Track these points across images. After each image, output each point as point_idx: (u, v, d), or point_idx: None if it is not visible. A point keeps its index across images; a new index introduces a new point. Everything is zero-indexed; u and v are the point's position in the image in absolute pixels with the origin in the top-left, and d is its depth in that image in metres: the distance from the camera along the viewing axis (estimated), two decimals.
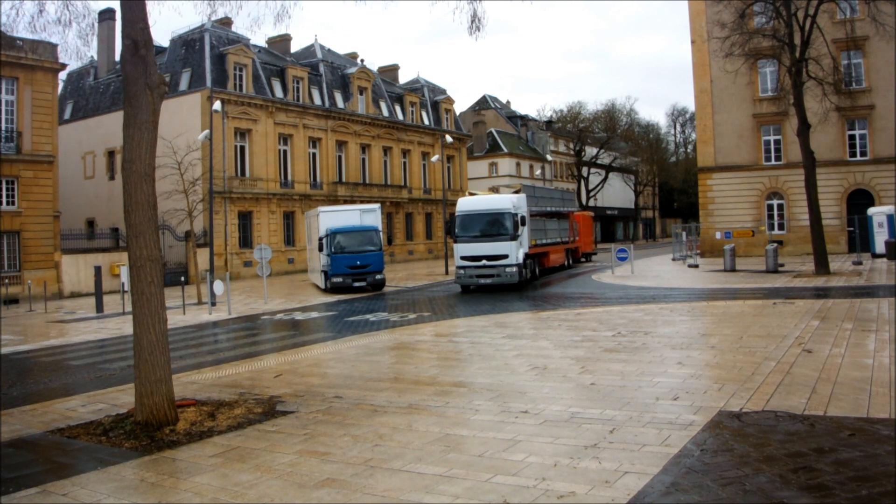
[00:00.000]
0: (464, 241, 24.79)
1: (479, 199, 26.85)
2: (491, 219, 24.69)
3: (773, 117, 36.27)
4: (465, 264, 24.75)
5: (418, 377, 10.51)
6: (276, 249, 41.49)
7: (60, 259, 32.66)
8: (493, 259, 24.29)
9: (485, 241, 24.43)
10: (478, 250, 24.43)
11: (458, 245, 25.00)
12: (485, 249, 24.35)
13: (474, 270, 24.51)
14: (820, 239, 24.90)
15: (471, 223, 24.87)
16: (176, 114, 36.39)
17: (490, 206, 25.20)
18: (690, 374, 9.64)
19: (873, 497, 5.14)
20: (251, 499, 5.80)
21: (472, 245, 24.60)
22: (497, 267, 24.18)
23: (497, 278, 24.24)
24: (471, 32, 12.18)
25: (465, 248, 24.79)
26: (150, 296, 8.31)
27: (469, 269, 24.63)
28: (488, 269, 24.30)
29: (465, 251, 24.80)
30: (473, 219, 24.90)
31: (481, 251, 24.39)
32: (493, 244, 24.31)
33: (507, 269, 24.06)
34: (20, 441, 8.02)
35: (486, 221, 24.70)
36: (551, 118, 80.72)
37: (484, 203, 25.82)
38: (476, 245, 24.50)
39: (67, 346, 17.02)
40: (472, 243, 24.62)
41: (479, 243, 24.48)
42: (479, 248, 24.43)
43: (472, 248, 24.57)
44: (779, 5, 25.36)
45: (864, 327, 12.86)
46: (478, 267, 24.43)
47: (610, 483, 5.65)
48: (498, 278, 24.23)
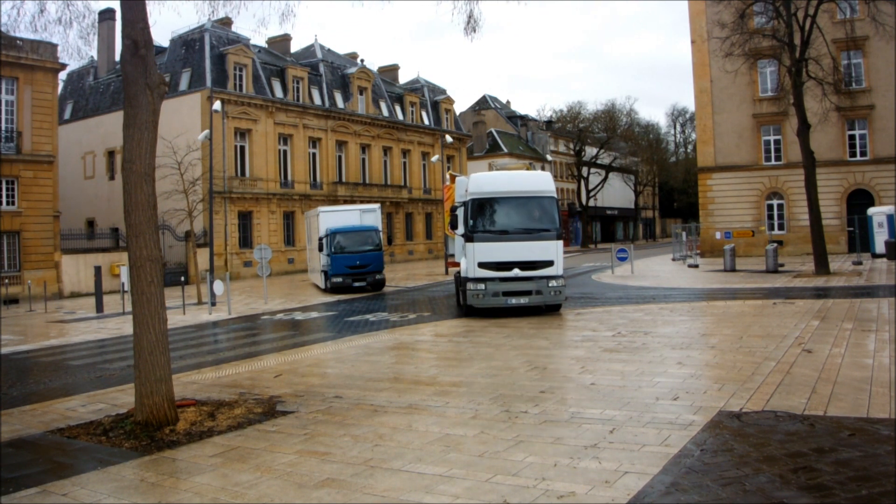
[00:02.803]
0: (483, 240, 16.56)
1: (505, 175, 18.32)
2: (526, 205, 16.97)
3: (773, 117, 36.27)
4: (485, 275, 16.51)
5: (418, 377, 10.52)
6: (276, 249, 41.49)
7: (60, 259, 32.66)
8: (529, 267, 16.48)
9: (517, 240, 16.56)
10: (506, 254, 16.47)
11: (474, 246, 16.61)
12: (517, 253, 16.47)
13: (500, 285, 16.48)
14: (820, 239, 24.92)
15: (494, 212, 16.91)
16: (176, 114, 36.40)
17: (525, 187, 17.21)
18: (690, 374, 9.65)
19: (873, 497, 5.14)
20: (251, 499, 5.80)
21: (496, 246, 16.52)
22: (536, 280, 16.49)
23: (536, 296, 16.53)
24: (466, 33, 12.27)
25: (485, 251, 16.52)
26: (150, 296, 8.32)
27: (492, 284, 16.48)
28: (523, 284, 16.47)
29: (485, 255, 16.52)
30: (499, 205, 16.94)
31: (512, 255, 16.45)
32: (530, 245, 16.52)
33: (552, 282, 16.51)
34: (20, 441, 8.02)
35: (518, 209, 16.94)
36: (551, 118, 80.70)
37: (515, 181, 17.60)
38: (503, 246, 16.52)
39: (67, 346, 17.03)
40: (496, 243, 16.56)
41: (507, 243, 16.56)
42: (507, 251, 16.49)
43: (498, 251, 16.51)
44: (779, 5, 25.37)
45: (864, 327, 12.86)
46: (506, 280, 16.49)
47: (610, 483, 5.65)
48: (538, 296, 16.52)
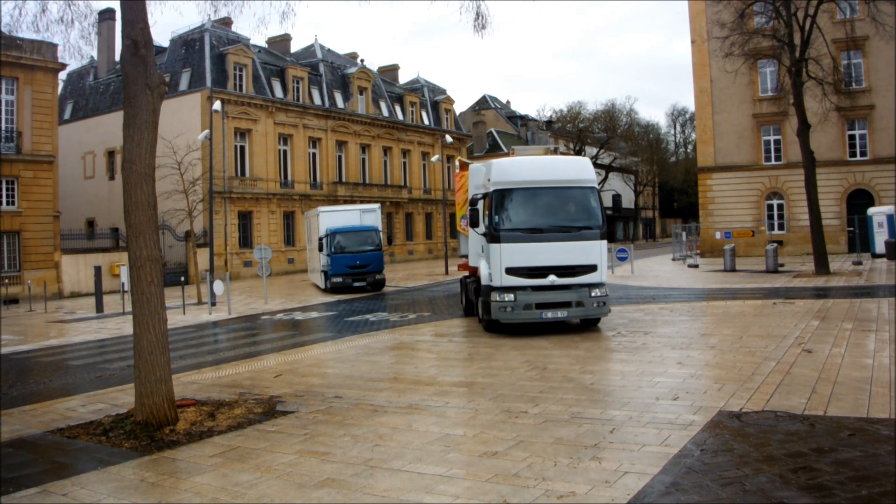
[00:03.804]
0: (512, 240, 13.55)
1: (536, 162, 14.85)
2: (563, 198, 14.18)
3: (773, 117, 36.27)
4: (514, 283, 13.49)
5: (418, 377, 10.52)
6: (276, 249, 41.49)
7: (60, 259, 32.66)
8: (568, 273, 13.63)
9: (553, 241, 13.64)
10: (540, 257, 13.58)
11: (500, 248, 13.57)
12: (554, 255, 13.59)
13: (533, 295, 13.48)
14: (820, 239, 24.92)
15: (524, 205, 13.92)
16: (176, 114, 36.38)
17: (560, 175, 14.24)
18: (690, 374, 9.65)
19: (873, 497, 5.14)
20: (251, 499, 5.80)
21: (527, 248, 13.58)
22: (576, 289, 13.60)
23: (577, 309, 13.63)
24: (476, 30, 12.25)
25: (514, 254, 13.54)
26: (150, 296, 8.32)
27: (523, 295, 13.45)
28: (561, 293, 13.57)
29: (515, 258, 13.53)
30: (529, 197, 13.94)
31: (547, 258, 13.58)
32: (568, 246, 13.64)
33: (595, 290, 13.66)
34: (20, 441, 8.02)
35: (553, 203, 14.08)
36: (551, 118, 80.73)
37: (548, 168, 14.47)
38: (536, 248, 13.60)
39: (67, 346, 17.03)
40: (527, 244, 13.58)
41: (541, 244, 13.62)
42: (542, 254, 13.60)
43: (530, 254, 13.57)
44: (779, 5, 25.37)
45: (864, 327, 12.86)
46: (540, 289, 13.54)
47: (610, 483, 5.65)
48: (578, 309, 13.64)
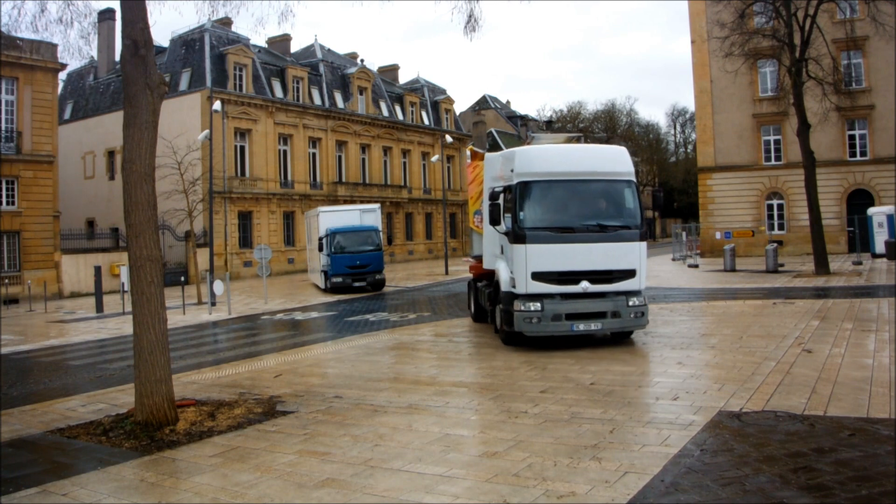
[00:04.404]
0: (540, 241, 11.76)
1: (567, 151, 13.26)
2: (597, 192, 12.39)
3: (773, 117, 36.26)
4: (542, 290, 11.75)
5: (418, 377, 10.52)
6: (276, 249, 41.46)
7: (60, 259, 32.65)
8: (604, 279, 11.90)
9: (587, 241, 11.89)
10: (572, 260, 11.79)
11: (525, 249, 11.77)
12: (587, 259, 11.83)
13: (563, 305, 11.77)
14: (820, 239, 24.91)
15: (553, 201, 12.20)
16: (176, 114, 36.37)
17: (595, 167, 12.37)
18: (690, 374, 9.65)
19: (873, 497, 5.14)
20: (251, 499, 5.80)
21: (557, 250, 11.80)
22: (612, 297, 11.89)
23: (613, 320, 11.91)
24: (466, 32, 12.13)
25: (542, 256, 11.78)
26: (150, 296, 8.32)
27: (552, 303, 11.73)
28: (595, 302, 11.86)
29: (542, 261, 11.78)
30: (559, 191, 12.21)
31: (580, 262, 11.79)
32: (604, 248, 11.92)
33: (633, 299, 11.95)
34: (20, 441, 8.03)
35: (586, 198, 12.35)
36: (551, 118, 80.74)
37: (581, 158, 12.68)
38: (568, 250, 11.83)
39: (67, 346, 17.03)
40: (558, 245, 11.80)
41: (573, 245, 11.85)
42: (574, 257, 11.81)
43: (560, 257, 11.80)
44: (779, 5, 25.36)
45: (864, 327, 12.86)
46: (571, 297, 11.81)
47: (610, 483, 5.65)
48: (614, 320, 11.92)
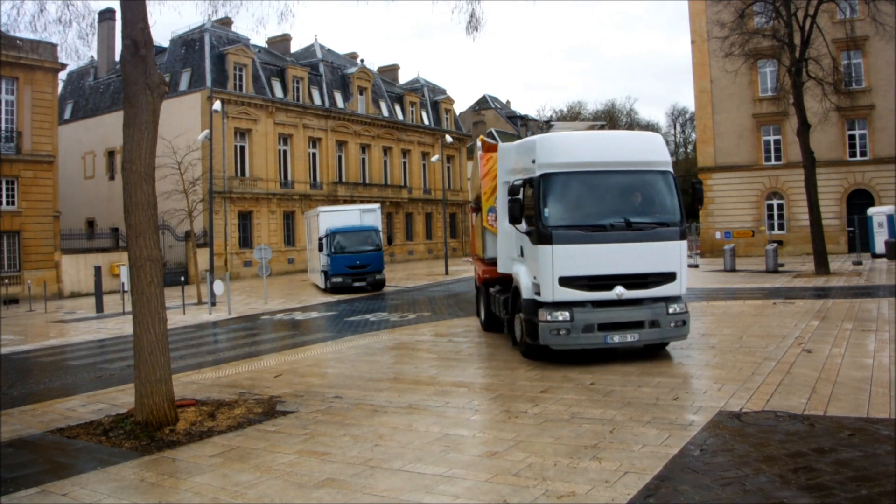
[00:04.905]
0: (568, 241, 10.30)
1: (595, 138, 11.77)
2: (631, 185, 10.94)
3: (773, 117, 36.26)
4: (571, 297, 10.35)
5: (418, 377, 10.52)
6: (276, 249, 41.46)
7: (60, 259, 32.65)
8: (640, 284, 10.50)
9: (620, 241, 10.40)
10: (604, 263, 10.38)
11: (552, 250, 10.29)
12: (622, 261, 10.41)
13: (595, 313, 10.38)
14: (820, 239, 24.91)
15: (581, 195, 10.73)
16: (176, 114, 36.36)
17: (627, 156, 10.98)
18: (690, 374, 9.65)
19: (873, 497, 5.14)
20: (251, 499, 5.80)
21: (588, 251, 10.36)
22: (649, 304, 10.53)
23: (651, 330, 10.51)
24: (468, 32, 12.11)
25: (571, 258, 10.33)
26: (150, 296, 8.32)
27: (582, 312, 10.32)
28: (631, 311, 10.49)
29: (571, 264, 10.33)
30: (589, 183, 10.75)
31: (613, 265, 10.39)
32: (640, 248, 10.46)
33: (672, 306, 10.59)
34: (20, 441, 8.03)
35: (619, 192, 10.87)
36: (551, 118, 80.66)
37: (611, 146, 11.19)
38: (599, 251, 10.37)
39: (67, 346, 17.03)
40: (588, 245, 10.37)
41: (606, 245, 10.39)
42: (606, 259, 10.37)
43: (591, 259, 10.36)
44: (779, 5, 25.36)
45: (864, 327, 12.86)
46: (604, 304, 10.44)
47: (610, 483, 5.65)
48: (653, 330, 10.52)
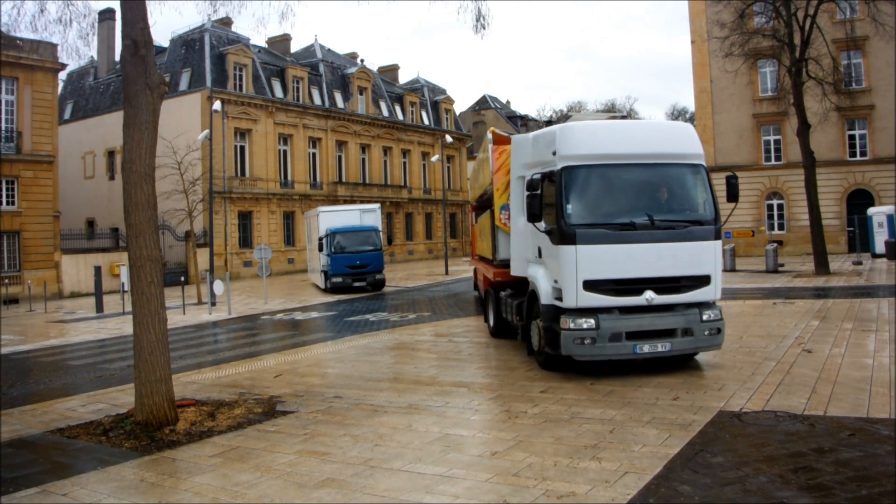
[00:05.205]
0: (593, 241, 9.27)
1: (622, 128, 10.56)
2: (660, 179, 9.92)
3: (773, 117, 36.25)
4: (596, 303, 9.35)
5: (418, 377, 10.52)
6: (276, 249, 41.46)
7: (60, 259, 32.64)
8: (671, 288, 9.50)
9: (650, 241, 9.35)
10: (633, 265, 9.35)
11: (575, 251, 9.23)
12: (651, 263, 9.38)
13: (622, 321, 9.36)
14: (820, 239, 24.91)
15: (607, 190, 9.77)
16: (176, 114, 36.35)
17: (658, 147, 9.91)
18: (690, 374, 9.64)
19: (873, 497, 5.14)
20: (251, 499, 5.80)
21: (615, 252, 9.33)
22: (681, 310, 9.55)
23: (684, 339, 9.50)
24: (476, 31, 12.20)
25: (596, 260, 9.29)
26: (150, 296, 8.32)
27: (608, 319, 9.30)
28: (661, 317, 9.47)
29: (596, 267, 9.29)
30: (615, 177, 9.76)
31: (642, 267, 9.37)
32: (671, 248, 9.43)
33: (707, 312, 9.61)
34: (20, 441, 8.02)
35: (647, 187, 9.85)
36: (551, 118, 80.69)
37: (640, 137, 10.11)
38: (627, 251, 9.33)
39: (67, 346, 17.02)
40: (615, 246, 9.33)
41: (634, 245, 9.33)
42: (634, 260, 9.34)
43: (618, 261, 9.33)
44: (779, 5, 25.35)
45: (864, 327, 12.86)
46: (629, 311, 9.41)
47: (610, 483, 5.65)
48: (686, 339, 9.51)
